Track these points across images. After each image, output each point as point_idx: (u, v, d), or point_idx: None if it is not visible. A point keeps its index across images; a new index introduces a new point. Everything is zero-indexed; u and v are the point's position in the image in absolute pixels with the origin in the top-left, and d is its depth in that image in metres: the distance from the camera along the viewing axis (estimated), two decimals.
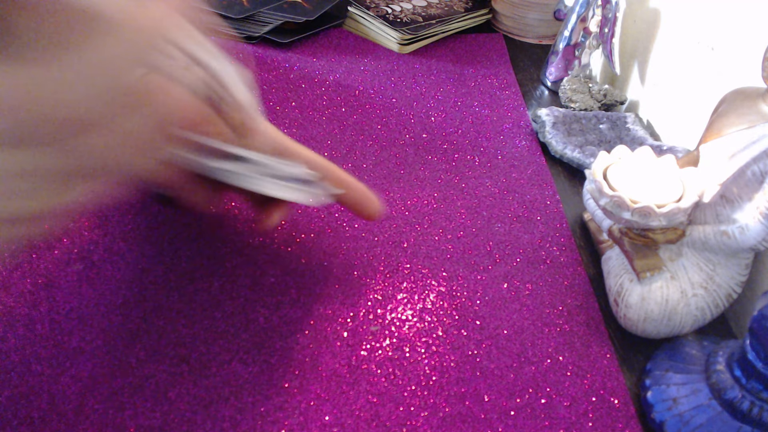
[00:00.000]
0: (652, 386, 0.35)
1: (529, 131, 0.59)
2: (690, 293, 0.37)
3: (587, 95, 0.62)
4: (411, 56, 0.69)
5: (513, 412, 0.35)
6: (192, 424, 0.33)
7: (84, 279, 0.39)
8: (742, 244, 0.35)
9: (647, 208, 0.35)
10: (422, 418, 0.34)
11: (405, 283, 0.42)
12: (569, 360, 0.38)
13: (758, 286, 0.41)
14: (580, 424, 0.35)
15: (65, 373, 0.34)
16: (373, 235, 0.45)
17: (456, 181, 0.51)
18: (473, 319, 0.40)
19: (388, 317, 0.39)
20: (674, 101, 0.57)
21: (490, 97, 0.63)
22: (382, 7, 0.73)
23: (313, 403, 0.34)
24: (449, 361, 0.37)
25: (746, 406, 0.31)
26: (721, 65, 0.50)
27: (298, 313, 0.39)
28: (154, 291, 0.39)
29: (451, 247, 0.45)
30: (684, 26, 0.56)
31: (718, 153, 0.37)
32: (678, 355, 0.36)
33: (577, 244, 0.47)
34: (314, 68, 0.65)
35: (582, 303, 0.42)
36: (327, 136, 0.55)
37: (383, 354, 0.37)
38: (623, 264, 0.40)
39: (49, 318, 0.37)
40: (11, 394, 0.33)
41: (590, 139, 0.56)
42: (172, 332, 0.37)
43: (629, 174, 0.38)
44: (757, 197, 0.34)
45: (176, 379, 0.34)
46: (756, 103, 0.38)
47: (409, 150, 0.54)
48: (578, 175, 0.54)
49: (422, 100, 0.61)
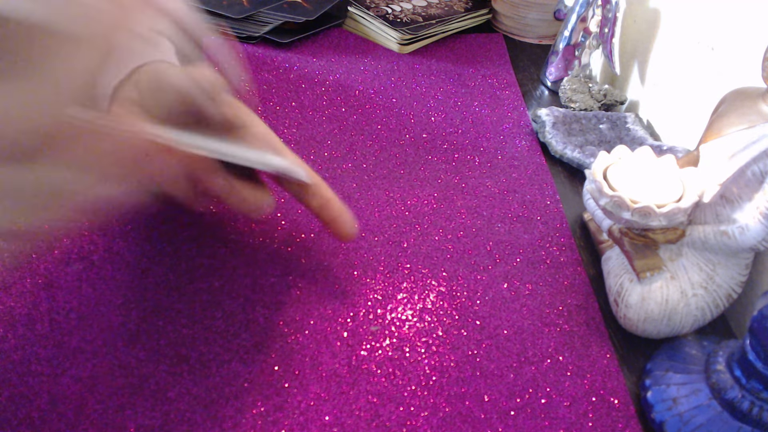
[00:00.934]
0: (652, 386, 0.35)
1: (529, 131, 0.59)
2: (690, 293, 0.37)
3: (587, 95, 0.62)
4: (411, 56, 0.69)
5: (513, 412, 0.35)
6: (192, 424, 0.33)
7: (84, 279, 0.39)
8: (742, 244, 0.35)
9: (647, 208, 0.35)
10: (422, 418, 0.34)
11: (405, 283, 0.42)
12: (569, 360, 0.38)
13: (758, 286, 0.41)
14: (580, 424, 0.35)
15: (65, 373, 0.34)
16: (373, 235, 0.45)
17: (456, 181, 0.51)
18: (473, 319, 0.40)
19: (388, 317, 0.39)
20: (674, 101, 0.57)
21: (490, 97, 0.63)
22: (382, 7, 0.73)
23: (313, 403, 0.34)
24: (449, 361, 0.37)
25: (746, 406, 0.31)
26: (721, 65, 0.50)
27: (298, 313, 0.39)
28: (154, 291, 0.39)
29: (451, 247, 0.45)
30: (684, 26, 0.56)
31: (718, 153, 0.37)
32: (678, 355, 0.36)
33: (577, 244, 0.47)
34: (314, 68, 0.65)
35: (582, 303, 0.42)
36: (327, 136, 0.55)
37: (383, 354, 0.37)
38: (623, 264, 0.40)
39: (49, 318, 0.37)
40: (11, 394, 0.33)
41: (590, 139, 0.56)
42: (172, 332, 0.37)
43: (629, 174, 0.38)
44: (757, 197, 0.34)
45: (176, 379, 0.34)
46: (756, 103, 0.38)
47: (409, 150, 0.54)
48: (578, 175, 0.54)
49: (422, 100, 0.61)
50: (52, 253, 0.40)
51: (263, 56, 0.66)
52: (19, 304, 0.37)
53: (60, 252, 0.41)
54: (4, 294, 0.38)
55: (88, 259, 0.40)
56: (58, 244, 0.41)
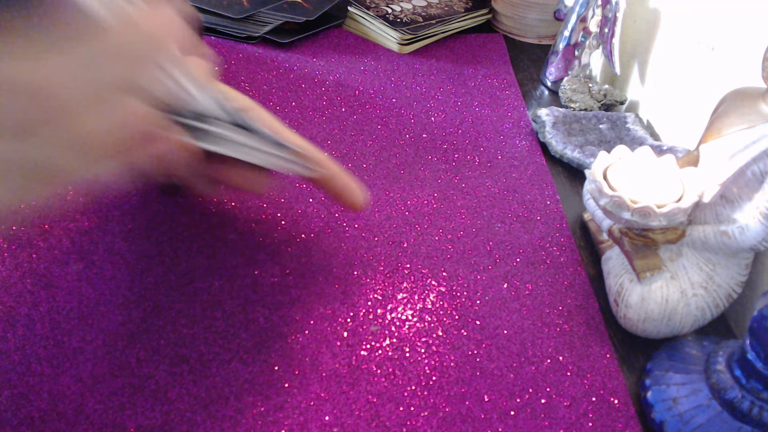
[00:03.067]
0: (652, 386, 0.35)
1: (529, 131, 0.59)
2: (690, 293, 0.37)
3: (587, 95, 0.62)
4: (411, 56, 0.69)
5: (513, 412, 0.35)
6: (192, 424, 0.33)
7: (84, 279, 0.39)
8: (742, 244, 0.35)
9: (647, 208, 0.35)
10: (422, 418, 0.34)
11: (405, 283, 0.42)
12: (569, 360, 0.38)
13: (758, 286, 0.41)
14: (580, 424, 0.35)
15: (65, 373, 0.34)
16: (373, 235, 0.45)
17: (456, 181, 0.51)
18: (473, 319, 0.40)
19: (388, 317, 0.39)
20: (674, 101, 0.57)
21: (490, 97, 0.63)
22: (382, 7, 0.73)
23: (313, 403, 0.34)
24: (449, 361, 0.37)
25: (746, 406, 0.31)
26: (721, 65, 0.50)
27: (298, 313, 0.39)
28: (154, 291, 0.39)
29: (451, 247, 0.45)
30: (684, 26, 0.56)
31: (718, 153, 0.37)
32: (678, 355, 0.36)
33: (577, 244, 0.47)
34: (314, 68, 0.65)
35: (582, 303, 0.42)
36: (327, 136, 0.55)
37: (383, 354, 0.37)
38: (623, 264, 0.40)
39: (49, 318, 0.37)
40: (11, 394, 0.33)
41: (590, 139, 0.56)
42: (172, 332, 0.37)
43: (629, 174, 0.38)
44: (757, 197, 0.34)
45: (176, 379, 0.34)
46: (756, 103, 0.38)
47: (409, 150, 0.54)
48: (578, 175, 0.54)
49: (422, 100, 0.61)
50: (52, 253, 0.40)
51: (263, 56, 0.66)
52: (19, 304, 0.37)
53: (60, 252, 0.41)
54: (4, 294, 0.38)
55: (88, 259, 0.40)
56: (58, 244, 0.41)
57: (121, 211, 0.44)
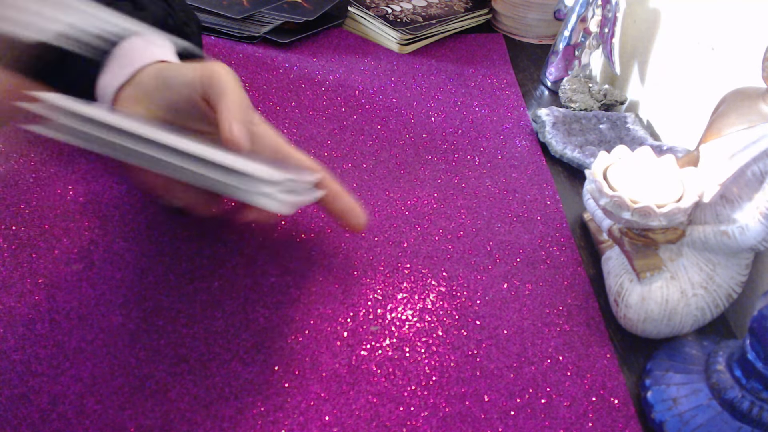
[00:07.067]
0: (652, 386, 0.35)
1: (529, 131, 0.59)
2: (690, 293, 0.37)
3: (587, 95, 0.62)
4: (411, 56, 0.69)
5: (513, 412, 0.35)
6: (192, 424, 0.33)
7: (84, 279, 0.39)
8: (742, 244, 0.35)
9: (647, 208, 0.35)
10: (422, 418, 0.34)
11: (405, 283, 0.42)
12: (569, 360, 0.38)
13: (758, 286, 0.41)
14: (580, 424, 0.35)
15: (65, 373, 0.34)
16: (373, 235, 0.45)
17: (456, 181, 0.51)
18: (473, 319, 0.40)
19: (388, 317, 0.39)
20: (674, 101, 0.57)
21: (490, 97, 0.63)
22: (382, 7, 0.73)
23: (313, 403, 0.34)
24: (449, 361, 0.37)
25: (746, 406, 0.31)
26: (721, 65, 0.50)
27: (298, 313, 0.39)
28: (154, 291, 0.39)
29: (451, 247, 0.45)
30: (684, 26, 0.56)
31: (718, 153, 0.37)
32: (678, 355, 0.36)
33: (577, 244, 0.47)
34: (314, 68, 0.65)
35: (582, 303, 0.42)
36: (327, 136, 0.55)
37: (383, 354, 0.37)
38: (623, 264, 0.40)
39: (49, 318, 0.37)
40: (11, 394, 0.33)
41: (590, 139, 0.56)
42: (172, 332, 0.37)
43: (629, 174, 0.38)
44: (757, 197, 0.34)
45: (176, 379, 0.34)
46: (756, 103, 0.38)
47: (409, 150, 0.54)
48: (578, 175, 0.54)
49: (422, 100, 0.61)
50: (52, 253, 0.40)
51: (263, 56, 0.66)
52: (19, 304, 0.37)
53: (60, 252, 0.41)
54: (4, 294, 0.38)
55: (88, 259, 0.40)
56: (58, 244, 0.41)
57: (121, 211, 0.44)
